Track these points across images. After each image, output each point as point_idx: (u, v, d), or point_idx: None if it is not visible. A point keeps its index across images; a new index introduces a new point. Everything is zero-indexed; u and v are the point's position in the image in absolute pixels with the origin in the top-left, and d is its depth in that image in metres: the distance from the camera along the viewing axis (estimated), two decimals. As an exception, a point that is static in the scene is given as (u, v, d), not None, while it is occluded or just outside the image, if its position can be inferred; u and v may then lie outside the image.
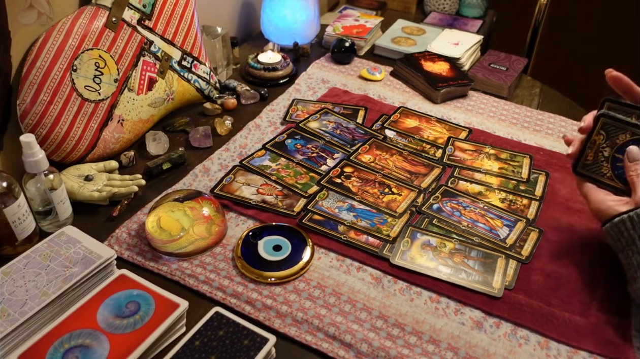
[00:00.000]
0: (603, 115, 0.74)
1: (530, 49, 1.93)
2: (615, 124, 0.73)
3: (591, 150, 0.75)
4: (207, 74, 1.13)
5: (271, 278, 0.76)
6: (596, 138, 0.74)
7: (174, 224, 0.79)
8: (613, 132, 0.73)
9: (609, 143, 0.74)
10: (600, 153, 0.74)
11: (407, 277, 0.78)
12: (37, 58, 0.86)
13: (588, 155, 0.75)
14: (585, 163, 0.76)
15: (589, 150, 0.75)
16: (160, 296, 0.68)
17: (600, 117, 0.74)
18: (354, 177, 0.96)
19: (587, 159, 0.75)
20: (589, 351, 0.69)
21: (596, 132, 0.74)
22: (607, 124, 0.73)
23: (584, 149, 0.76)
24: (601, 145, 0.74)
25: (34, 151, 0.75)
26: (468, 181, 0.97)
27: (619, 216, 0.71)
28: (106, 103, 0.95)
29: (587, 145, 0.75)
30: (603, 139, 0.74)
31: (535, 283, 0.78)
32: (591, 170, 0.75)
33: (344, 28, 1.47)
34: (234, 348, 0.63)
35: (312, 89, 1.25)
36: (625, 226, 0.70)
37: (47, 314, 0.68)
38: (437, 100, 1.21)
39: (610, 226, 0.72)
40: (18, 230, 0.77)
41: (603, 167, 0.74)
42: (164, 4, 1.02)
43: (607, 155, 0.74)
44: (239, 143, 1.05)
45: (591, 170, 0.75)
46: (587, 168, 0.75)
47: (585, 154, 0.76)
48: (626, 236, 0.70)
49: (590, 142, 0.75)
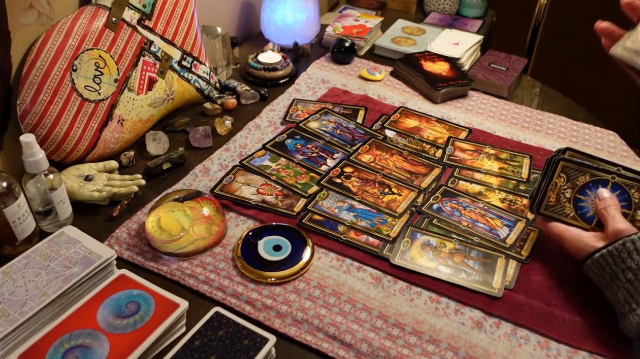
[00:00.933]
0: (562, 160, 0.78)
1: (530, 49, 1.93)
2: (574, 167, 0.77)
3: (553, 192, 0.79)
4: (207, 74, 1.13)
5: (271, 278, 0.76)
6: (557, 181, 0.78)
7: (174, 224, 0.79)
8: (573, 174, 0.78)
9: (569, 185, 0.78)
10: (562, 194, 0.78)
11: (407, 277, 0.78)
12: (37, 58, 0.86)
13: (550, 197, 0.79)
14: (548, 205, 0.79)
15: (550, 192, 0.79)
16: (160, 296, 0.68)
17: (559, 161, 0.78)
18: (354, 177, 0.96)
19: (550, 201, 0.79)
20: (589, 351, 0.69)
21: (557, 175, 0.78)
22: (567, 167, 0.78)
23: (545, 191, 0.79)
24: (562, 187, 0.78)
25: (34, 151, 0.75)
26: (468, 181, 0.97)
27: (598, 251, 0.70)
28: (106, 103, 0.95)
29: (548, 187, 0.79)
30: (564, 181, 0.78)
31: (535, 283, 0.78)
32: (554, 211, 0.79)
33: (344, 28, 1.47)
34: (234, 348, 0.63)
35: (312, 89, 1.25)
36: (606, 261, 0.69)
37: (47, 314, 0.67)
38: (437, 100, 1.21)
39: (591, 263, 0.71)
40: (18, 230, 0.77)
41: (566, 208, 0.78)
42: (164, 4, 1.02)
43: (568, 196, 0.78)
44: (239, 143, 1.05)
45: (554, 211, 0.79)
46: (550, 209, 0.79)
47: (548, 196, 0.79)
48: (609, 272, 0.69)
49: (552, 184, 0.79)
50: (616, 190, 0.76)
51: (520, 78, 1.35)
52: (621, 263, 0.67)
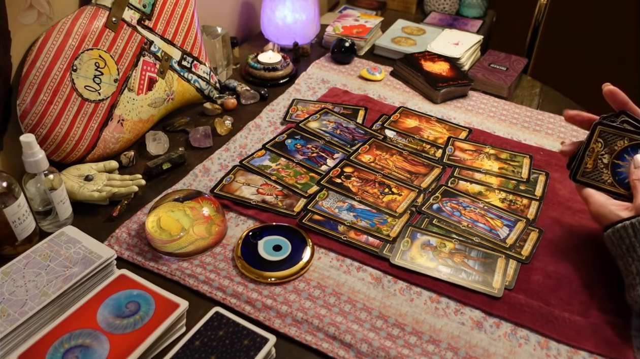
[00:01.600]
0: (599, 124, 0.75)
1: (530, 49, 1.93)
2: (612, 131, 0.75)
3: (590, 158, 0.76)
4: (207, 74, 1.13)
5: (271, 278, 0.76)
6: (594, 146, 0.76)
7: (174, 224, 0.79)
8: (610, 139, 0.75)
9: (607, 150, 0.75)
10: (599, 160, 0.76)
11: (407, 277, 0.78)
12: (37, 58, 0.86)
13: (587, 163, 0.76)
14: (585, 171, 0.77)
15: (587, 158, 0.76)
16: (160, 296, 0.68)
17: (597, 126, 0.75)
18: (354, 177, 0.96)
19: (587, 167, 0.76)
20: (589, 351, 0.69)
21: (594, 140, 0.76)
22: (604, 132, 0.75)
23: (582, 157, 0.77)
24: (600, 152, 0.75)
25: (34, 151, 0.75)
26: (468, 182, 0.97)
27: (621, 222, 0.70)
28: (106, 103, 0.95)
29: (585, 153, 0.76)
30: (601, 146, 0.75)
31: (535, 283, 0.78)
32: (591, 178, 0.76)
33: (344, 28, 1.47)
34: (234, 348, 0.63)
35: (312, 89, 1.25)
36: (627, 232, 0.69)
37: (47, 314, 0.67)
38: (437, 100, 1.21)
39: (612, 232, 0.71)
40: (18, 230, 0.77)
41: (603, 174, 0.75)
42: (164, 4, 1.02)
43: (606, 162, 0.75)
44: (239, 143, 1.05)
45: (591, 177, 0.76)
46: (587, 175, 0.76)
47: (585, 162, 0.76)
48: (627, 243, 0.69)
49: (589, 150, 0.76)
50: None
51: (520, 78, 1.35)
52: None
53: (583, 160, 0.77)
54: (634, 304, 0.69)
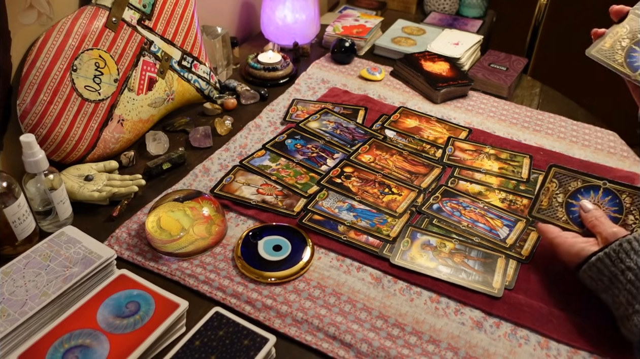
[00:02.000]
0: (553, 166, 0.79)
1: (530, 49, 1.93)
2: (566, 173, 0.79)
3: (545, 196, 0.80)
4: (207, 74, 1.13)
5: (271, 278, 0.76)
6: (549, 186, 0.80)
7: (174, 224, 0.79)
8: (565, 180, 0.79)
9: (562, 190, 0.79)
10: (554, 199, 0.79)
11: (407, 277, 0.78)
12: (37, 58, 0.86)
13: (542, 201, 0.80)
14: (540, 208, 0.80)
15: (542, 196, 0.80)
16: (160, 296, 0.68)
17: (551, 167, 0.80)
18: (354, 177, 0.96)
19: (542, 204, 0.80)
20: (589, 351, 0.69)
21: (549, 180, 0.80)
22: (558, 173, 0.79)
23: (537, 195, 0.80)
24: (555, 192, 0.79)
25: (34, 151, 0.75)
26: (468, 182, 0.97)
27: (594, 254, 0.68)
28: (106, 103, 0.95)
29: (540, 191, 0.80)
30: (556, 186, 0.79)
31: (535, 283, 0.78)
32: (546, 214, 0.79)
33: (344, 28, 1.47)
34: (234, 348, 0.63)
35: (312, 89, 1.25)
36: (604, 263, 0.67)
37: (47, 314, 0.67)
38: (437, 100, 1.21)
39: (587, 268, 0.69)
40: (18, 230, 0.77)
41: (558, 212, 0.79)
42: (164, 4, 1.02)
43: (560, 201, 0.79)
44: (239, 143, 1.05)
45: (546, 214, 0.80)
46: (543, 212, 0.80)
47: (540, 200, 0.80)
48: (607, 274, 0.67)
49: (544, 189, 0.80)
50: (607, 195, 0.77)
51: (520, 78, 1.35)
52: (620, 263, 0.66)
53: (538, 198, 0.80)
54: (632, 336, 0.65)
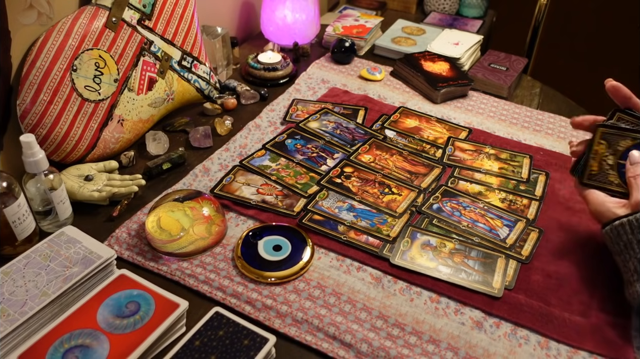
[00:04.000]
0: (601, 126, 0.75)
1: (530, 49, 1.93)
2: (614, 132, 0.75)
3: (594, 160, 0.76)
4: (207, 74, 1.13)
5: (271, 278, 0.76)
6: (597, 148, 0.75)
7: (174, 224, 0.79)
8: (613, 140, 0.75)
9: (611, 151, 0.75)
10: (604, 162, 0.75)
11: (407, 277, 0.78)
12: (37, 58, 0.86)
13: (592, 166, 0.76)
14: (591, 174, 0.76)
15: (592, 160, 0.76)
16: (160, 296, 0.68)
17: (598, 128, 0.75)
18: (354, 177, 0.96)
19: (592, 170, 0.76)
20: (589, 351, 0.69)
21: (596, 142, 0.75)
22: (606, 133, 0.75)
23: (586, 160, 0.76)
24: (604, 154, 0.75)
25: (34, 151, 0.75)
26: (468, 182, 0.97)
27: (618, 219, 0.71)
28: (106, 103, 0.95)
29: (589, 156, 0.76)
30: (605, 148, 0.75)
31: (535, 283, 0.78)
32: (598, 180, 0.76)
33: (344, 28, 1.47)
34: (234, 348, 0.63)
35: (312, 89, 1.25)
36: (624, 229, 0.70)
37: (47, 314, 0.68)
38: (437, 100, 1.21)
39: (609, 229, 0.72)
40: (18, 230, 0.77)
41: (610, 175, 0.75)
42: (164, 4, 1.02)
43: (611, 163, 0.75)
44: (239, 143, 1.05)
45: (598, 179, 0.76)
46: (594, 178, 0.76)
47: (590, 165, 0.76)
48: (624, 240, 0.70)
49: (592, 152, 0.76)
50: None
51: (520, 78, 1.35)
52: (638, 233, 0.69)
53: (588, 163, 0.76)
54: (632, 300, 0.70)
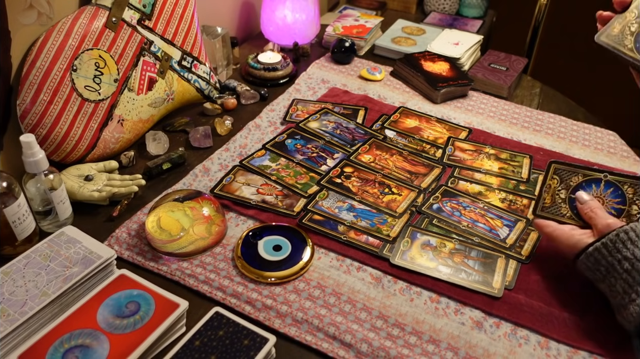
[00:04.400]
0: (554, 162, 0.80)
1: (530, 49, 1.93)
2: (566, 169, 0.80)
3: (547, 194, 0.80)
4: (207, 74, 1.13)
5: (271, 278, 0.76)
6: (551, 183, 0.80)
7: (174, 224, 0.79)
8: (566, 175, 0.79)
9: (563, 186, 0.79)
10: (557, 195, 0.80)
11: (407, 277, 0.78)
12: (37, 58, 0.86)
13: (545, 199, 0.80)
14: (544, 206, 0.80)
15: (545, 194, 0.81)
16: (160, 296, 0.68)
17: (551, 164, 0.80)
18: (354, 177, 0.96)
19: (545, 203, 0.80)
20: (589, 351, 0.69)
21: (550, 177, 0.80)
22: (559, 169, 0.80)
23: (540, 194, 0.81)
24: (557, 188, 0.80)
25: (34, 151, 0.75)
26: (468, 182, 0.97)
27: (591, 245, 0.70)
28: (106, 103, 0.95)
29: (542, 189, 0.81)
30: (557, 183, 0.80)
31: (535, 283, 0.78)
32: (551, 212, 0.80)
33: (344, 28, 1.47)
34: (234, 348, 0.63)
35: (312, 89, 1.25)
36: (601, 253, 0.69)
37: (47, 314, 0.68)
38: (437, 100, 1.21)
39: (585, 258, 0.71)
40: (18, 230, 0.77)
41: (562, 208, 0.79)
42: (164, 4, 1.02)
43: (563, 197, 0.79)
44: (239, 143, 1.05)
45: (551, 211, 0.80)
46: (547, 210, 0.80)
47: (543, 198, 0.81)
48: (604, 264, 0.69)
49: (546, 186, 0.81)
50: (609, 187, 0.77)
51: (520, 78, 1.35)
52: (617, 253, 0.67)
53: (541, 196, 0.81)
54: (628, 324, 0.67)
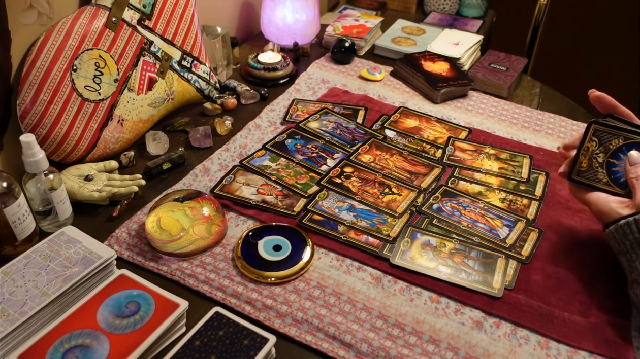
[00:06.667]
0: (594, 122, 0.75)
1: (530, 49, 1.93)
2: (607, 130, 0.74)
3: (585, 157, 0.76)
4: (207, 74, 1.13)
5: (271, 278, 0.76)
6: (589, 145, 0.75)
7: (174, 224, 0.79)
8: (605, 137, 0.74)
9: (602, 149, 0.75)
10: (594, 159, 0.75)
11: (407, 277, 0.78)
12: (37, 58, 0.86)
13: (582, 162, 0.76)
14: (580, 170, 0.76)
15: (582, 157, 0.76)
16: (160, 296, 0.68)
17: (591, 124, 0.75)
18: (354, 177, 0.96)
19: (582, 166, 0.76)
20: (589, 351, 0.69)
21: (588, 139, 0.75)
22: (599, 131, 0.74)
23: (577, 156, 0.76)
24: (594, 151, 0.75)
25: (34, 151, 0.75)
26: (468, 181, 0.97)
27: (624, 218, 0.71)
28: (106, 103, 0.95)
29: (579, 152, 0.76)
30: (596, 145, 0.75)
31: (535, 283, 0.78)
32: (587, 177, 0.76)
33: (344, 28, 1.47)
34: (234, 348, 0.63)
35: (312, 89, 1.25)
36: (630, 228, 0.70)
37: (47, 314, 0.68)
38: (437, 100, 1.21)
39: (614, 229, 0.72)
40: (18, 230, 0.77)
41: (599, 173, 0.75)
42: (164, 4, 1.02)
43: (601, 161, 0.75)
44: (239, 143, 1.05)
45: (586, 176, 0.76)
46: (582, 175, 0.76)
47: (579, 161, 0.76)
48: (631, 239, 0.70)
49: (583, 149, 0.76)
50: None
51: (520, 78, 1.35)
52: None
53: (578, 159, 0.76)
54: (637, 300, 0.69)
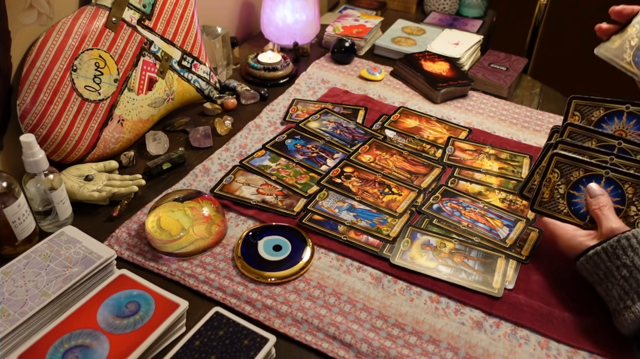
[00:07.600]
0: (556, 155, 0.77)
1: (530, 49, 1.93)
2: (568, 162, 0.76)
3: (547, 188, 0.78)
4: (207, 74, 1.13)
5: (271, 278, 0.76)
6: (551, 176, 0.77)
7: (174, 224, 0.79)
8: (566, 169, 0.76)
9: (563, 181, 0.77)
10: (555, 190, 0.77)
11: (407, 277, 0.78)
12: (37, 58, 0.86)
13: (544, 193, 0.78)
14: (542, 201, 0.78)
15: (544, 188, 0.78)
16: (160, 296, 0.68)
17: (553, 157, 0.77)
18: (354, 177, 0.96)
19: (544, 197, 0.78)
20: (589, 351, 0.69)
21: (550, 170, 0.77)
22: (560, 162, 0.77)
23: (539, 187, 0.78)
24: (556, 182, 0.77)
25: (34, 151, 0.75)
26: (468, 181, 0.97)
27: (592, 249, 0.70)
28: (106, 103, 0.95)
29: (542, 183, 0.78)
30: (558, 177, 0.77)
31: (535, 283, 0.78)
32: (548, 207, 0.78)
33: (344, 28, 1.47)
34: (234, 348, 0.63)
35: (312, 89, 1.25)
36: (600, 258, 0.69)
37: (47, 314, 0.68)
38: (437, 100, 1.21)
39: (585, 260, 0.71)
40: (18, 230, 0.77)
41: (559, 204, 0.77)
42: (164, 4, 1.02)
43: (562, 192, 0.77)
44: (239, 143, 1.05)
45: (548, 207, 0.78)
46: (544, 205, 0.78)
47: (541, 192, 0.78)
48: (603, 269, 0.69)
49: (545, 180, 0.78)
50: (609, 185, 0.75)
51: (520, 78, 1.35)
52: (616, 259, 0.68)
53: (540, 190, 0.78)
54: (623, 329, 0.67)
